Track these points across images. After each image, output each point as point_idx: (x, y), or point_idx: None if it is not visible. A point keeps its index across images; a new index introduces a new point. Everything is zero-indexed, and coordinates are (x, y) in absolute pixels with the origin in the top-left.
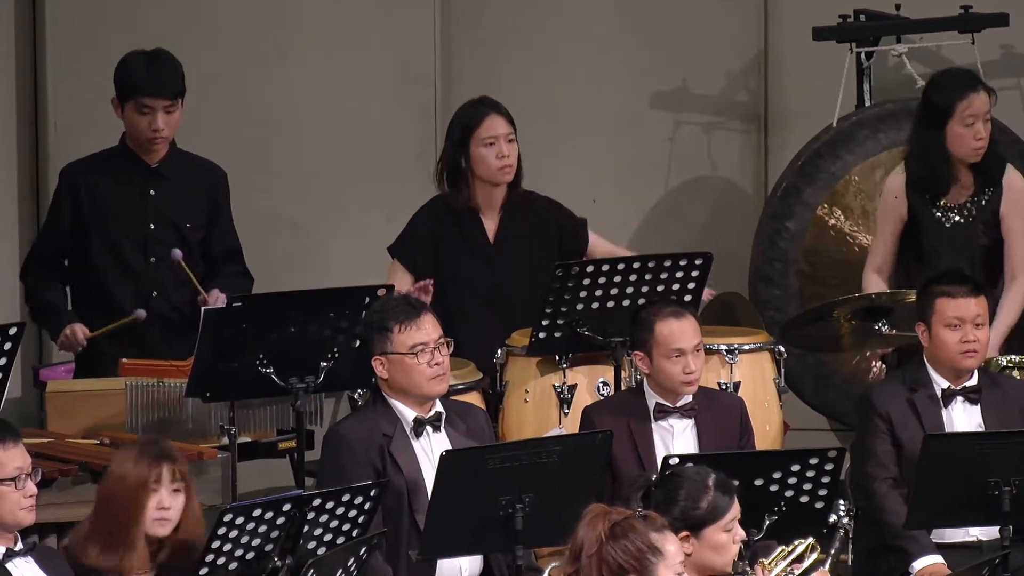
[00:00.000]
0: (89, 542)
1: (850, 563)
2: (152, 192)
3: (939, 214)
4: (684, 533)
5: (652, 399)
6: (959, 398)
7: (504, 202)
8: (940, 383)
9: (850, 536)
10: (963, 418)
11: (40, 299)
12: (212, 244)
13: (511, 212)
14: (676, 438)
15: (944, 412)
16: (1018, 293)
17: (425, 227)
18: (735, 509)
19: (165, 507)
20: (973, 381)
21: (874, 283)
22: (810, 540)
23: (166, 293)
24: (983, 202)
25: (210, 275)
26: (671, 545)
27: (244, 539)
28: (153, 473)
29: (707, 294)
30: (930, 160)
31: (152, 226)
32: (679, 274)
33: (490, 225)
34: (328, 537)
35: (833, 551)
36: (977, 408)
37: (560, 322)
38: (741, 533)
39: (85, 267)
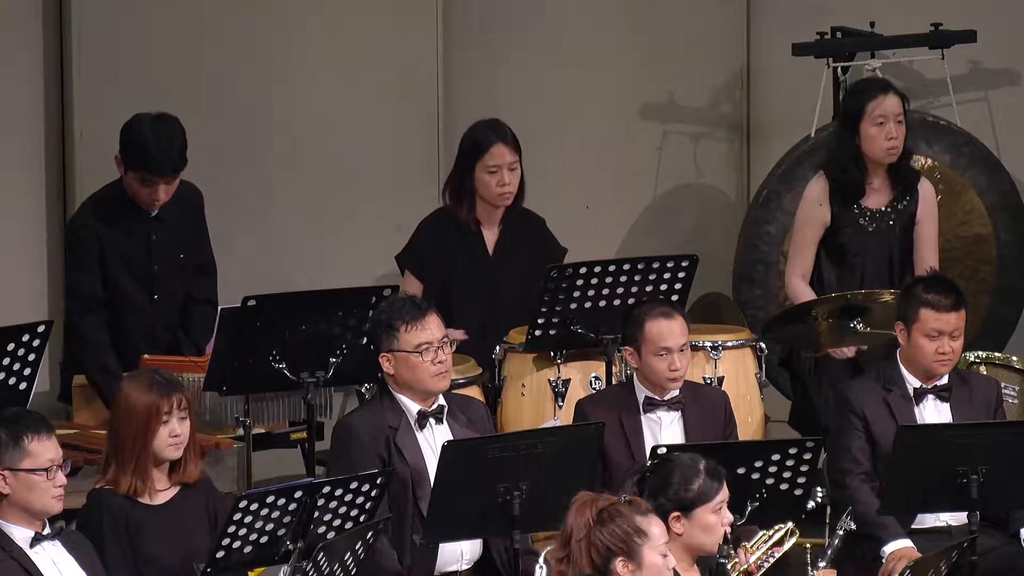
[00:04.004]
0: (108, 470)
1: (829, 549)
2: (154, 237)
3: (862, 219)
4: (675, 514)
5: (641, 393)
6: (930, 396)
7: (503, 218)
8: (912, 382)
9: (835, 526)
10: (934, 415)
11: (94, 356)
12: (192, 265)
13: (509, 227)
14: (664, 429)
15: (916, 409)
16: None
17: (430, 238)
18: (724, 492)
19: (177, 434)
20: (944, 380)
21: (803, 290)
22: (789, 525)
23: (169, 327)
24: (901, 207)
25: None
26: (656, 528)
27: (258, 524)
28: (165, 403)
29: None
30: (845, 162)
31: (156, 268)
32: (666, 275)
33: (490, 238)
34: (337, 522)
35: (830, 552)
36: (947, 405)
37: (555, 320)
38: (729, 516)
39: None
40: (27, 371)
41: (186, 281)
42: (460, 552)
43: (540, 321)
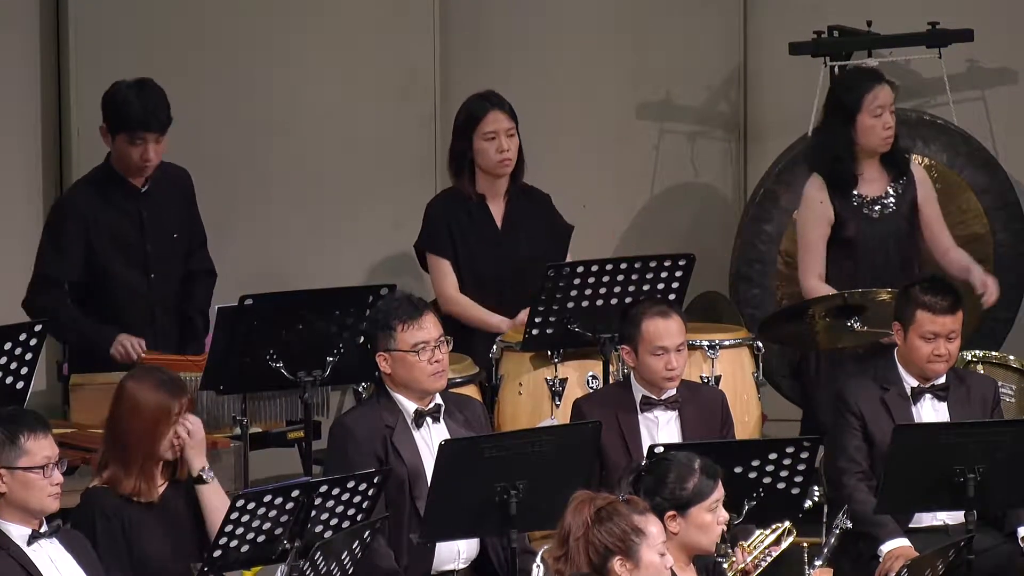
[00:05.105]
0: (105, 470)
1: (825, 548)
2: (145, 215)
3: (865, 209)
4: (671, 512)
5: (638, 392)
6: (928, 395)
7: (508, 190)
8: (910, 381)
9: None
10: (931, 414)
11: (66, 317)
12: (186, 243)
13: (515, 200)
14: (661, 428)
15: (913, 408)
16: (962, 253)
17: (442, 216)
18: (719, 491)
19: (180, 436)
20: (941, 379)
21: (823, 290)
22: (787, 524)
23: (169, 310)
24: (900, 192)
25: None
26: (653, 527)
27: (255, 523)
28: (176, 405)
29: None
30: (840, 153)
31: (149, 247)
32: (664, 274)
33: (496, 212)
34: (334, 522)
35: (827, 550)
36: (944, 405)
37: (552, 319)
38: (724, 515)
39: (94, 292)
40: (24, 370)
41: (182, 263)
42: (457, 551)
43: (537, 320)
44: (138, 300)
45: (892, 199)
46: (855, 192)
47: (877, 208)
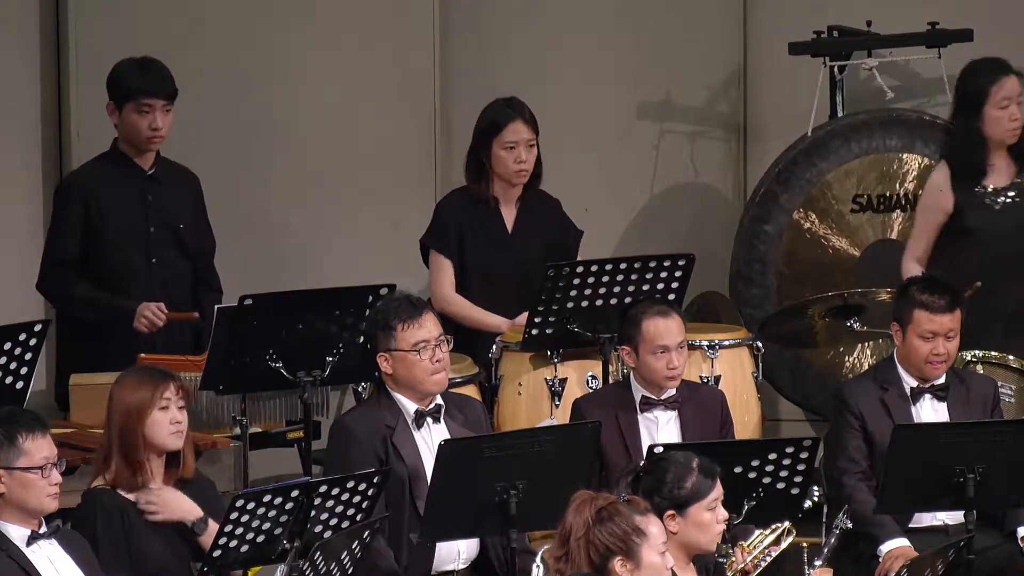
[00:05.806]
0: (108, 468)
1: (825, 548)
2: (150, 197)
3: (987, 199)
4: (670, 512)
5: (638, 392)
6: (927, 395)
7: (521, 195)
8: (909, 382)
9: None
10: (931, 414)
11: (82, 297)
12: (193, 241)
13: (527, 205)
14: (660, 428)
15: (913, 409)
16: None
17: (452, 215)
18: (718, 490)
19: (178, 421)
20: (941, 379)
21: (915, 271)
22: (786, 524)
23: (168, 292)
24: None
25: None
26: (654, 527)
27: (255, 523)
28: (160, 391)
29: None
30: (970, 146)
31: (152, 229)
32: (664, 274)
33: (508, 216)
34: (334, 521)
35: (826, 550)
36: (944, 405)
37: (552, 319)
38: (723, 513)
39: (94, 271)
40: (24, 370)
41: (187, 257)
42: (457, 551)
43: (537, 320)
44: (139, 283)
45: (1015, 191)
46: (981, 183)
47: (1000, 200)
